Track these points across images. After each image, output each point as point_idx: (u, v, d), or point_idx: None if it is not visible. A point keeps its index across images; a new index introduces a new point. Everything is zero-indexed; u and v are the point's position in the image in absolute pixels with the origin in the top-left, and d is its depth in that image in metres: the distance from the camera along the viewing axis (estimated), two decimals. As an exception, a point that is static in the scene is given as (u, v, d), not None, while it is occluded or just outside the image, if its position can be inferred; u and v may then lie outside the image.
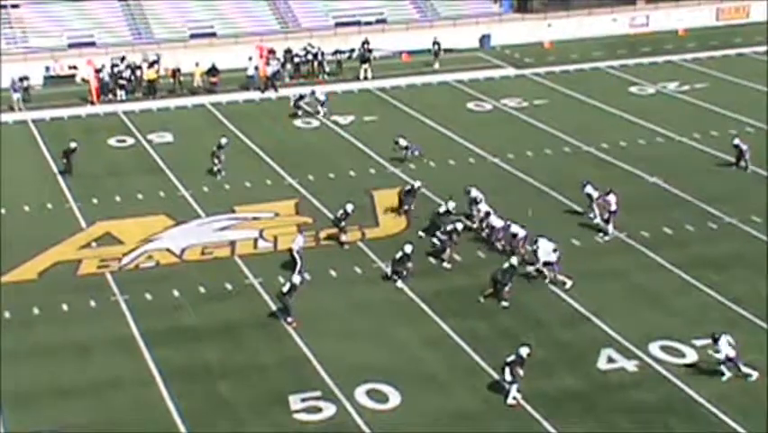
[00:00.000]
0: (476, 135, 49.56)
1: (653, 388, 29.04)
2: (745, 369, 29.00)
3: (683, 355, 30.48)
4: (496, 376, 29.32)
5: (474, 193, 39.23)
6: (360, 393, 28.83)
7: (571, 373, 29.78)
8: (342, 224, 37.95)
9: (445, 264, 36.27)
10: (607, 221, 37.99)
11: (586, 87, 57.59)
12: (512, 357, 28.27)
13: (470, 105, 55.55)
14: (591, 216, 38.91)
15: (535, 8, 71.46)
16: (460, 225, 36.71)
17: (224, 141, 45.95)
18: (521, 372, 28.13)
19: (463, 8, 69.79)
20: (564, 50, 65.40)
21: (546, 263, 34.61)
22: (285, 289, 32.72)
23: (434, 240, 36.89)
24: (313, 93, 53.88)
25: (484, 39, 66.84)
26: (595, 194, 38.65)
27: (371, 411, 28.15)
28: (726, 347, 28.88)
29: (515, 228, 36.34)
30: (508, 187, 42.90)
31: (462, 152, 46.13)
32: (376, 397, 28.73)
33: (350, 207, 38.02)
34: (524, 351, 28.35)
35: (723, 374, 29.13)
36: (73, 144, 46.25)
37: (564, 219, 39.32)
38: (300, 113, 53.20)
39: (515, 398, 28.25)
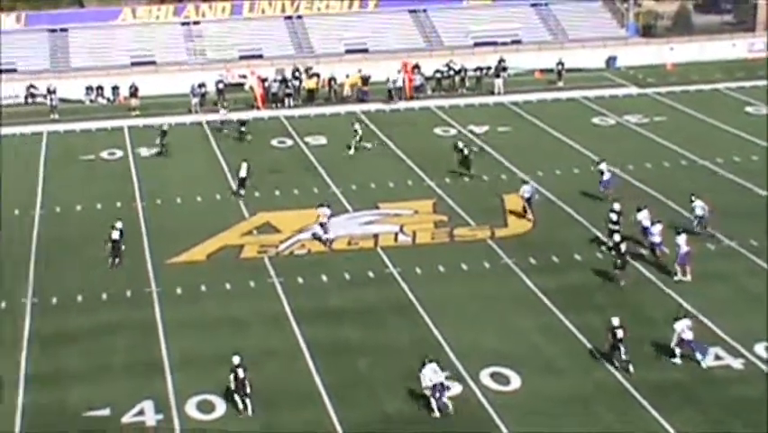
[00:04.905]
0: (599, 147, 48.75)
1: (756, 385, 28.14)
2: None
3: (786, 356, 29.61)
4: (608, 366, 29.02)
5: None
6: (484, 375, 28.81)
7: (678, 367, 29.15)
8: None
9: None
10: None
11: (704, 106, 56.07)
12: None
13: (595, 119, 54.78)
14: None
15: (659, 33, 70.32)
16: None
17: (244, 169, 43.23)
18: None
19: (592, 32, 68.86)
20: (685, 72, 63.81)
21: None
22: None
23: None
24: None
25: (610, 60, 65.81)
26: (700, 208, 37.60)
27: (494, 392, 28.11)
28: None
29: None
30: (626, 194, 41.89)
31: (586, 162, 45.47)
32: (499, 379, 28.68)
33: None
34: None
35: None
36: (165, 126, 50.31)
37: (676, 226, 38.31)
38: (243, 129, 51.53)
39: None
